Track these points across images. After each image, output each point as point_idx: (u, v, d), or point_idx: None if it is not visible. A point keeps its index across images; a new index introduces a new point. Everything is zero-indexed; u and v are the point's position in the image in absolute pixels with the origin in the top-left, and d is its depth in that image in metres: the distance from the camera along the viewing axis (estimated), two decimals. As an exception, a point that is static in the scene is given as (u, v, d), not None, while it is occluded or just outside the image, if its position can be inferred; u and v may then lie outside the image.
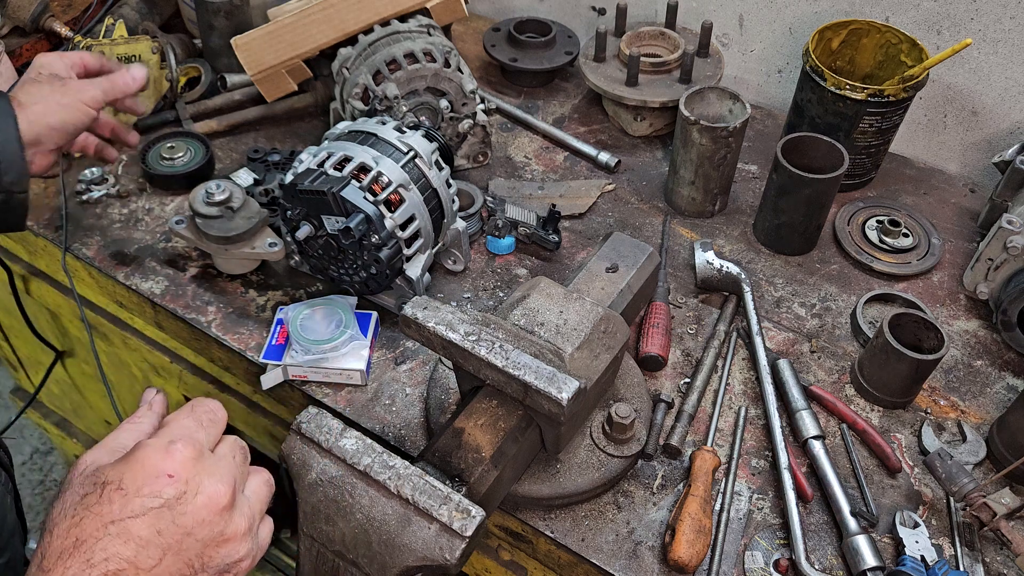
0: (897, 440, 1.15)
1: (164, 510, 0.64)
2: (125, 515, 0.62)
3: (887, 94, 1.34)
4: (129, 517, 0.62)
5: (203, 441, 0.71)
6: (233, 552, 0.68)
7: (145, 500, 0.64)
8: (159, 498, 0.64)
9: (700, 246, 1.33)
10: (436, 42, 1.42)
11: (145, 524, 0.63)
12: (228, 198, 1.24)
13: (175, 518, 0.64)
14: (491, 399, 0.98)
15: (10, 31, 1.63)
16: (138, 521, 0.63)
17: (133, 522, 0.62)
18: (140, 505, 0.63)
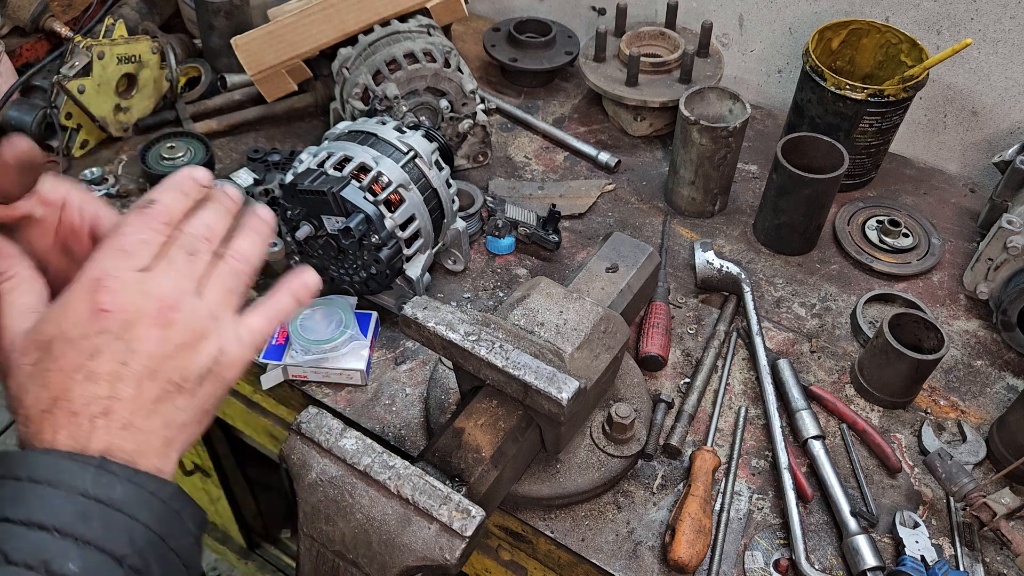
0: (897, 440, 1.15)
1: (115, 341, 0.62)
2: (83, 359, 0.61)
3: (887, 94, 1.34)
4: (88, 360, 0.61)
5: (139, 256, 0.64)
6: (208, 355, 0.65)
7: (94, 340, 0.61)
8: (105, 333, 0.61)
9: (700, 246, 1.33)
10: (436, 42, 1.42)
11: (106, 361, 0.61)
12: None
13: (129, 344, 0.62)
14: (491, 399, 0.98)
15: (10, 31, 1.63)
16: (98, 360, 0.61)
17: (93, 363, 0.61)
18: (92, 346, 0.61)
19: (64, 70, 1.43)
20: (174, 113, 1.59)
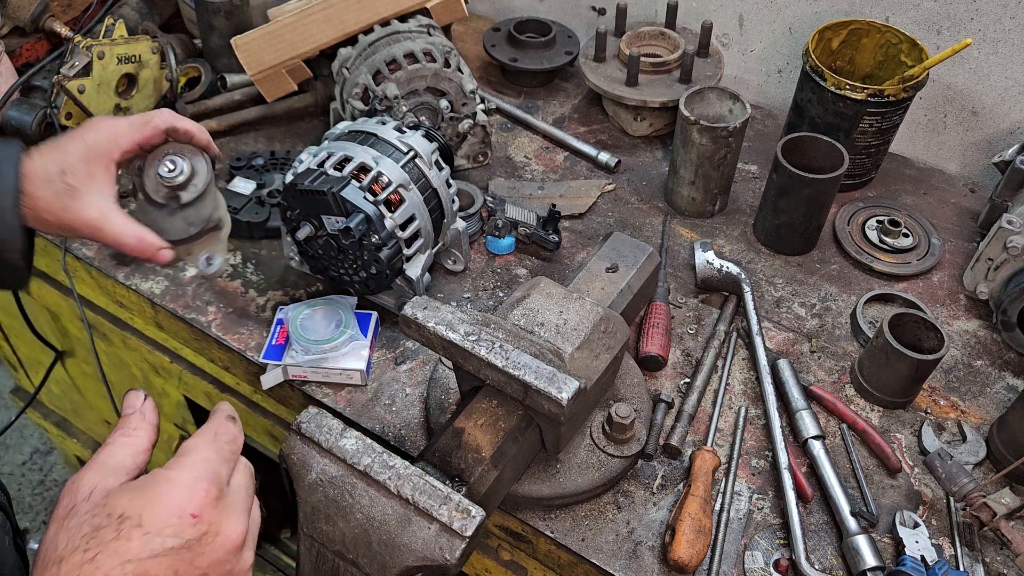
0: (897, 440, 1.15)
1: (184, 551, 0.63)
2: (144, 555, 0.61)
3: (887, 94, 1.34)
4: (148, 557, 0.61)
5: (225, 477, 0.70)
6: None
7: (166, 540, 0.62)
8: (180, 539, 0.63)
9: (700, 246, 1.33)
10: (436, 42, 1.42)
11: (164, 564, 0.62)
12: (184, 183, 1.02)
13: (193, 559, 0.63)
14: (491, 399, 0.98)
15: (10, 31, 1.63)
16: (157, 561, 0.61)
17: (152, 562, 0.61)
18: (160, 545, 0.62)
19: (64, 70, 1.42)
20: (174, 113, 1.59)
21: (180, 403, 1.69)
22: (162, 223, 1.03)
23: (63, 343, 1.90)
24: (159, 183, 1.01)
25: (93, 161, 0.95)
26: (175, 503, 0.64)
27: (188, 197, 1.02)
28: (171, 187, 1.01)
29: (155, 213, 1.03)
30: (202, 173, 1.03)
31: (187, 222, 1.03)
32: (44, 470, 2.77)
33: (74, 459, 2.47)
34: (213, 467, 0.69)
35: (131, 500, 0.63)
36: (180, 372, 1.53)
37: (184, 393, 1.63)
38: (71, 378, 2.04)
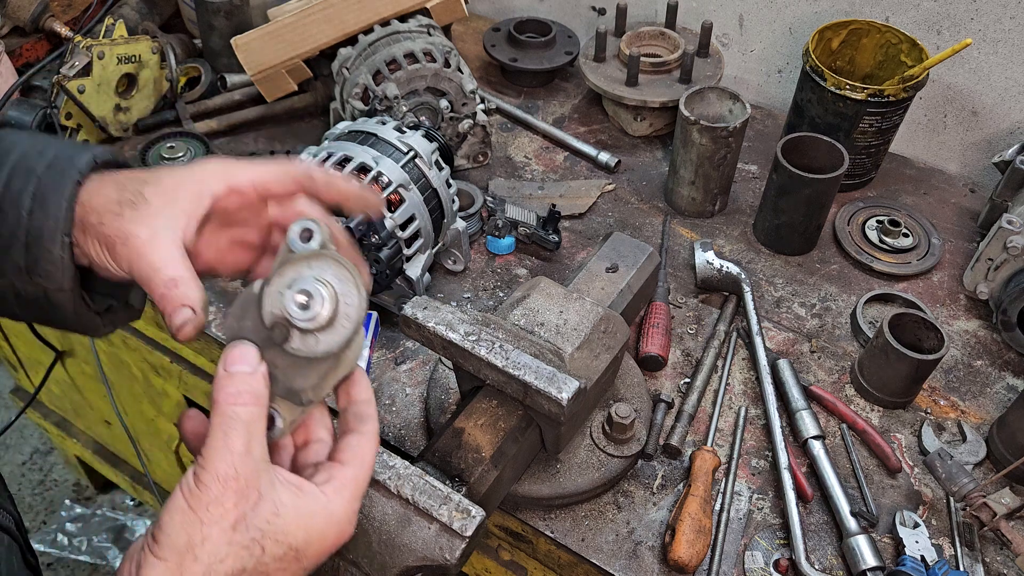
0: (897, 440, 1.15)
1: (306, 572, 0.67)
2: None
3: (887, 94, 1.34)
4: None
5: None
6: None
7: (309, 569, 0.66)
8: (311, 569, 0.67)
9: (700, 246, 1.33)
10: (436, 42, 1.42)
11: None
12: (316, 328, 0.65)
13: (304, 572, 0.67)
14: (491, 399, 0.98)
15: (10, 31, 1.63)
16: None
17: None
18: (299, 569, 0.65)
19: (64, 70, 1.42)
20: (174, 113, 1.59)
21: (180, 403, 1.69)
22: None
23: (63, 343, 1.90)
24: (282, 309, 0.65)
25: (183, 184, 0.73)
26: (332, 540, 0.67)
27: (305, 349, 0.66)
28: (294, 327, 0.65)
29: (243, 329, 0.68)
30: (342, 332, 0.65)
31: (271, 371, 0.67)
32: (44, 470, 2.77)
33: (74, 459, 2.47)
34: (362, 490, 0.70)
35: (303, 533, 0.65)
36: (180, 372, 1.53)
37: (184, 393, 1.63)
38: (71, 378, 2.04)
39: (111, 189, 0.73)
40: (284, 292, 0.64)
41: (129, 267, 0.70)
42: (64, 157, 0.74)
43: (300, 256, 0.66)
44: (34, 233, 0.72)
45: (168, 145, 1.50)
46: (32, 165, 0.73)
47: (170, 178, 0.72)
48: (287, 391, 0.68)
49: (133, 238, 0.69)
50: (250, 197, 0.74)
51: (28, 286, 0.74)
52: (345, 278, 0.65)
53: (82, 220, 0.72)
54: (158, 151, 1.49)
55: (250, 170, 0.74)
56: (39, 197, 0.72)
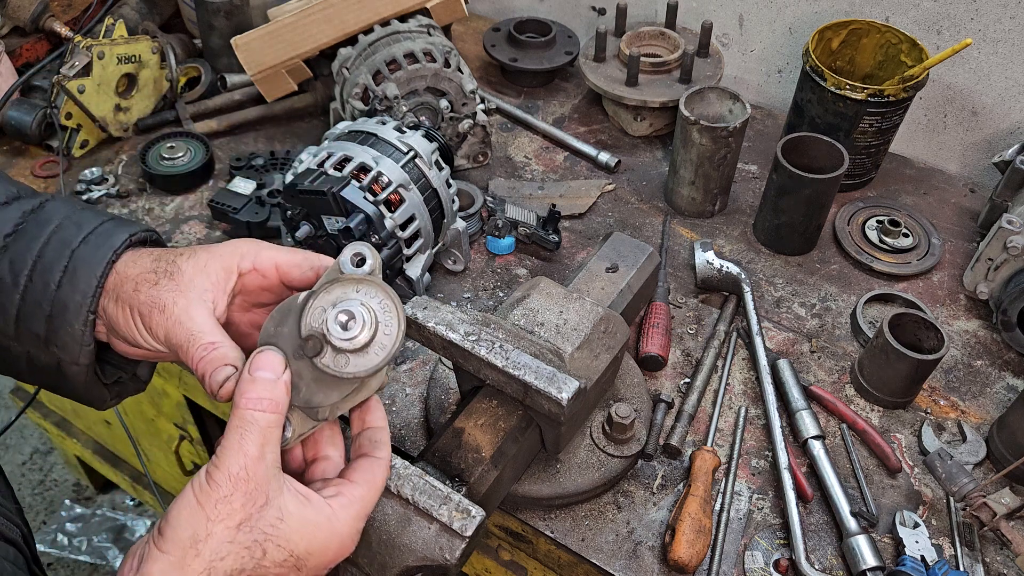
0: (897, 440, 1.15)
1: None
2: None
3: (887, 94, 1.34)
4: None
5: None
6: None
7: (304, 573, 0.66)
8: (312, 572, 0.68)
9: (700, 246, 1.33)
10: (436, 42, 1.42)
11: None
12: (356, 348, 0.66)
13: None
14: (491, 399, 0.98)
15: (10, 31, 1.63)
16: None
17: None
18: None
19: (64, 70, 1.43)
20: (174, 113, 1.59)
21: (180, 403, 1.69)
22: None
23: (63, 343, 1.89)
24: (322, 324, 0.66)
25: (214, 258, 0.74)
26: (332, 554, 0.68)
27: (335, 368, 0.67)
28: (329, 343, 0.66)
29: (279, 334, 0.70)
30: (374, 359, 0.67)
31: (295, 381, 0.69)
32: (44, 470, 2.77)
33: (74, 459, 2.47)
34: (368, 512, 0.71)
35: (304, 542, 0.65)
36: (180, 372, 1.53)
37: (184, 393, 1.63)
38: (71, 378, 2.03)
39: (147, 260, 0.75)
40: (327, 309, 0.66)
41: (165, 334, 0.71)
42: (101, 233, 0.76)
43: (349, 278, 0.68)
44: (59, 306, 0.73)
45: (168, 145, 1.50)
46: (68, 238, 0.75)
47: (204, 251, 0.75)
48: (306, 403, 0.69)
49: (170, 306, 0.71)
50: (271, 279, 0.76)
51: (43, 355, 0.76)
52: (389, 309, 0.68)
53: (115, 289, 0.74)
54: (158, 151, 1.50)
55: (275, 254, 0.76)
56: (70, 272, 0.73)
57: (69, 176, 1.50)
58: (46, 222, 0.76)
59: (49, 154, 1.54)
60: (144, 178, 1.50)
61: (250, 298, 0.79)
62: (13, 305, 0.74)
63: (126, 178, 1.51)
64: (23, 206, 0.77)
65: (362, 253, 0.69)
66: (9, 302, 0.74)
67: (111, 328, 0.75)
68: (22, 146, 1.56)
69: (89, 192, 1.46)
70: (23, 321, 0.74)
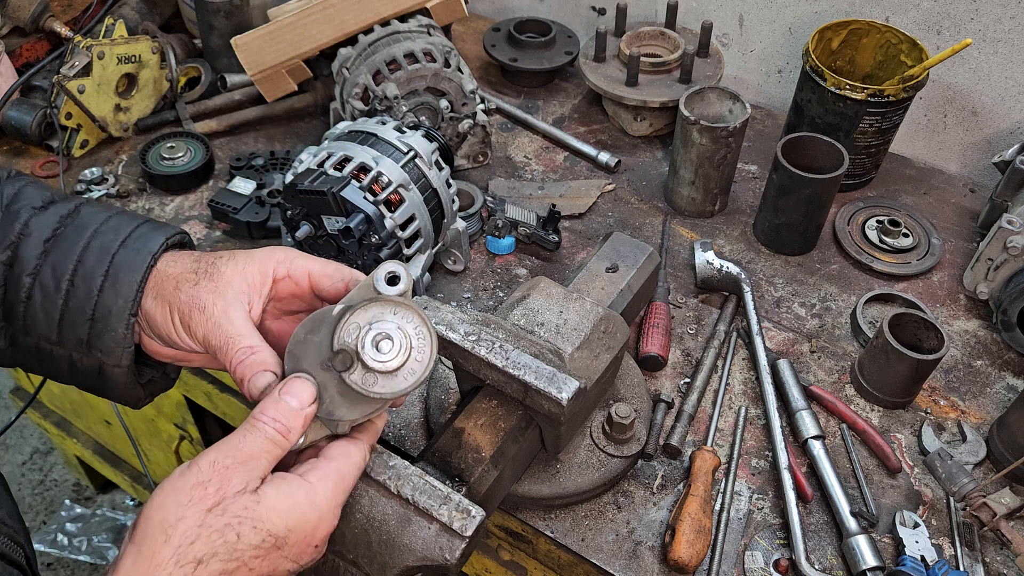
0: (897, 440, 1.15)
1: (291, 565, 0.67)
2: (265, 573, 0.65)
3: (887, 94, 1.34)
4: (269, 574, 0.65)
5: None
6: None
7: (288, 564, 0.66)
8: (299, 564, 0.67)
9: (700, 246, 1.33)
10: (436, 42, 1.42)
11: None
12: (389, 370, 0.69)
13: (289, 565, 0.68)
14: (491, 399, 0.98)
15: (10, 31, 1.63)
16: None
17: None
18: (284, 570, 0.66)
19: (64, 70, 1.43)
20: (174, 113, 1.59)
21: (180, 403, 1.69)
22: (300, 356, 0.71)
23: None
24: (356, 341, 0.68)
25: (251, 261, 0.77)
26: (314, 533, 0.67)
27: (362, 386, 0.69)
28: (364, 364, 0.68)
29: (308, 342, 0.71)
30: (402, 384, 0.69)
31: (319, 395, 0.70)
32: (44, 470, 2.77)
33: (74, 459, 2.47)
34: (347, 490, 0.71)
35: (282, 520, 0.65)
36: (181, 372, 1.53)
37: (184, 393, 1.63)
38: (71, 378, 2.03)
39: (188, 260, 0.77)
40: (362, 326, 0.68)
41: (204, 335, 0.73)
42: (139, 237, 0.78)
43: (387, 299, 0.69)
44: (102, 311, 0.75)
45: (168, 145, 1.50)
46: (107, 243, 0.77)
47: (242, 255, 0.77)
48: (327, 415, 0.71)
49: (210, 307, 0.73)
50: (304, 288, 0.78)
51: (86, 359, 0.77)
52: (423, 336, 0.69)
53: (156, 287, 0.76)
54: (158, 151, 1.50)
55: (309, 263, 0.78)
56: (111, 276, 0.75)
57: (69, 176, 1.50)
58: (84, 227, 0.78)
59: (49, 154, 1.54)
60: (144, 178, 1.50)
61: (281, 305, 0.80)
62: (56, 311, 0.75)
63: (126, 178, 1.51)
64: (59, 210, 0.79)
65: (397, 272, 0.70)
66: (52, 308, 0.75)
67: (148, 325, 0.77)
68: (22, 146, 1.56)
69: (89, 192, 1.46)
70: (66, 326, 0.75)
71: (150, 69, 1.55)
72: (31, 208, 0.78)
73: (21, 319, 0.76)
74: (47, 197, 0.80)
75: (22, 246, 0.76)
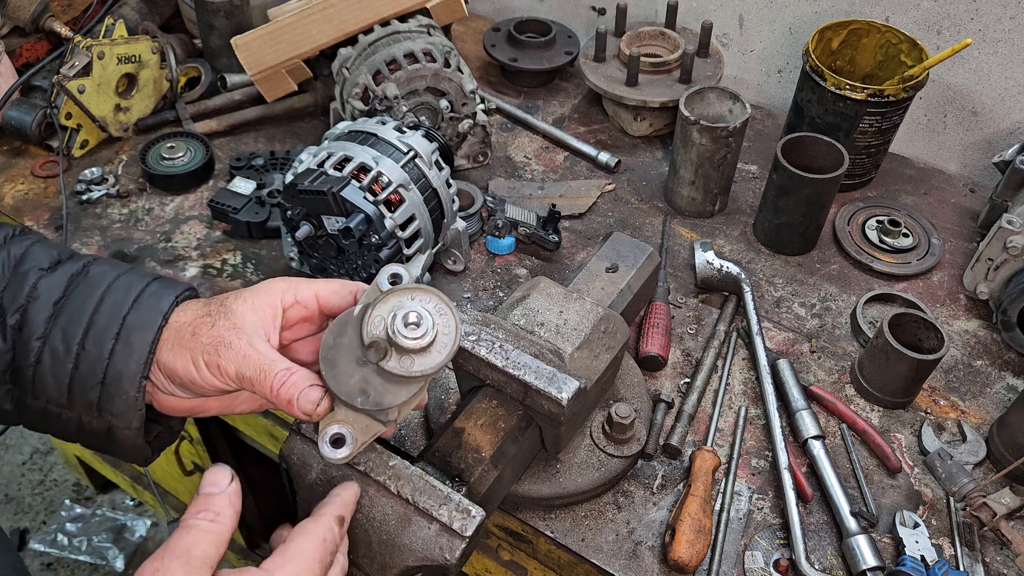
0: (897, 440, 1.15)
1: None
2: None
3: (887, 94, 1.34)
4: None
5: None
6: None
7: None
8: None
9: (700, 246, 1.33)
10: (436, 42, 1.42)
11: None
12: (420, 348, 0.72)
13: None
14: (491, 399, 0.98)
15: (10, 31, 1.63)
16: None
17: None
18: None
19: (64, 70, 1.43)
20: (174, 113, 1.59)
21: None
22: (335, 360, 0.74)
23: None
24: (385, 330, 0.71)
25: (258, 296, 0.77)
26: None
27: (401, 369, 0.72)
28: (400, 346, 0.71)
29: (339, 345, 0.74)
30: (438, 358, 0.73)
31: (362, 387, 0.73)
32: (44, 470, 2.77)
33: (74, 459, 2.47)
34: (313, 567, 0.69)
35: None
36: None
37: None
38: (71, 378, 2.03)
39: (197, 307, 0.78)
40: (386, 317, 0.72)
41: (237, 370, 0.73)
42: (151, 295, 0.78)
43: (400, 289, 0.73)
44: (113, 374, 0.74)
45: (168, 145, 1.50)
46: (119, 303, 0.76)
47: (248, 292, 0.78)
48: (376, 406, 0.73)
49: (235, 343, 0.74)
50: (313, 310, 0.79)
51: (96, 421, 0.77)
52: (444, 311, 0.73)
53: (172, 339, 0.76)
54: (158, 151, 1.50)
55: (313, 285, 0.79)
56: (123, 339, 0.75)
57: (69, 176, 1.50)
58: (94, 286, 0.77)
59: (49, 154, 1.54)
60: (144, 178, 1.50)
61: (291, 333, 0.81)
62: (66, 375, 0.75)
63: (126, 178, 1.51)
64: (68, 270, 0.78)
65: (399, 273, 0.74)
66: (62, 371, 0.75)
67: (168, 378, 0.77)
68: (22, 146, 1.56)
69: (89, 192, 1.46)
70: (76, 389, 0.75)
71: (150, 69, 1.55)
72: (39, 269, 0.77)
73: (30, 382, 0.75)
74: (54, 257, 0.79)
75: (31, 309, 0.75)
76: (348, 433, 0.74)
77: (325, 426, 0.75)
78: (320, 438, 0.75)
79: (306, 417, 0.73)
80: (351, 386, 0.73)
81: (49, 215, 1.43)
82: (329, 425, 0.75)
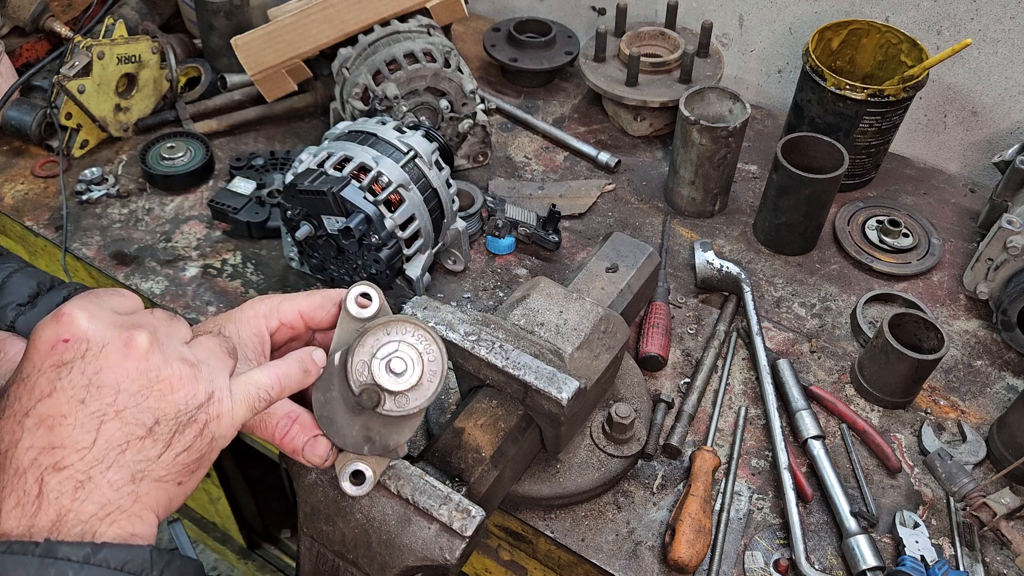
0: (897, 440, 1.15)
1: (74, 374, 0.53)
2: (35, 400, 0.52)
3: (887, 94, 1.34)
4: (39, 400, 0.52)
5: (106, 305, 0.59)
6: (189, 397, 0.57)
7: (48, 374, 0.53)
8: (61, 365, 0.53)
9: (700, 246, 1.33)
10: (436, 42, 1.42)
11: (62, 399, 0.52)
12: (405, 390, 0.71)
13: (91, 378, 0.53)
14: (491, 399, 0.98)
15: (10, 31, 1.63)
16: (51, 400, 0.52)
17: (46, 403, 0.52)
18: (46, 383, 0.53)
19: (64, 70, 1.43)
20: (174, 113, 1.59)
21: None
22: (331, 416, 0.72)
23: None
24: (371, 376, 0.70)
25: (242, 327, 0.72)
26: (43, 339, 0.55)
27: (398, 409, 0.71)
28: (385, 389, 0.70)
29: (330, 400, 0.72)
30: (431, 387, 0.72)
31: (366, 435, 0.73)
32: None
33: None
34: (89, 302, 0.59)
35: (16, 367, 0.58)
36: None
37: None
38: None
39: None
40: (370, 362, 0.69)
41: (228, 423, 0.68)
42: None
43: (374, 325, 0.70)
44: None
45: (168, 145, 1.50)
46: None
47: (228, 324, 0.71)
48: (384, 450, 0.73)
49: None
50: (299, 328, 0.75)
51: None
52: (424, 337, 0.71)
53: None
54: (158, 151, 1.50)
55: (295, 303, 0.75)
56: None
57: (69, 176, 1.50)
58: None
59: (49, 154, 1.54)
60: (144, 178, 1.50)
61: (279, 354, 0.77)
62: None
63: (126, 178, 1.51)
64: (48, 303, 0.75)
65: (367, 292, 0.72)
66: None
67: None
68: (22, 146, 1.56)
69: (89, 192, 1.46)
70: None
71: (150, 69, 1.55)
72: (17, 306, 0.74)
73: None
74: (33, 289, 0.76)
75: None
76: (367, 469, 0.74)
77: (342, 465, 0.74)
78: (340, 476, 0.74)
79: (318, 466, 0.72)
80: (354, 437, 0.73)
81: (49, 215, 1.43)
82: (347, 464, 0.74)
